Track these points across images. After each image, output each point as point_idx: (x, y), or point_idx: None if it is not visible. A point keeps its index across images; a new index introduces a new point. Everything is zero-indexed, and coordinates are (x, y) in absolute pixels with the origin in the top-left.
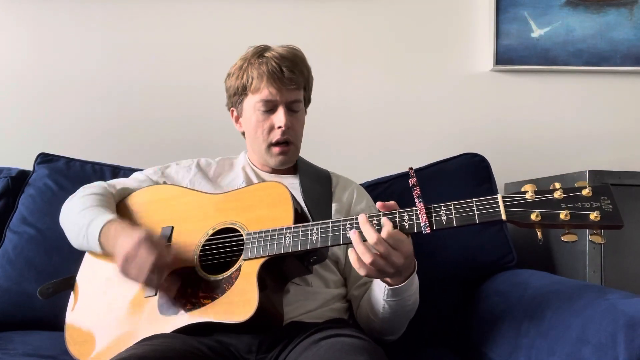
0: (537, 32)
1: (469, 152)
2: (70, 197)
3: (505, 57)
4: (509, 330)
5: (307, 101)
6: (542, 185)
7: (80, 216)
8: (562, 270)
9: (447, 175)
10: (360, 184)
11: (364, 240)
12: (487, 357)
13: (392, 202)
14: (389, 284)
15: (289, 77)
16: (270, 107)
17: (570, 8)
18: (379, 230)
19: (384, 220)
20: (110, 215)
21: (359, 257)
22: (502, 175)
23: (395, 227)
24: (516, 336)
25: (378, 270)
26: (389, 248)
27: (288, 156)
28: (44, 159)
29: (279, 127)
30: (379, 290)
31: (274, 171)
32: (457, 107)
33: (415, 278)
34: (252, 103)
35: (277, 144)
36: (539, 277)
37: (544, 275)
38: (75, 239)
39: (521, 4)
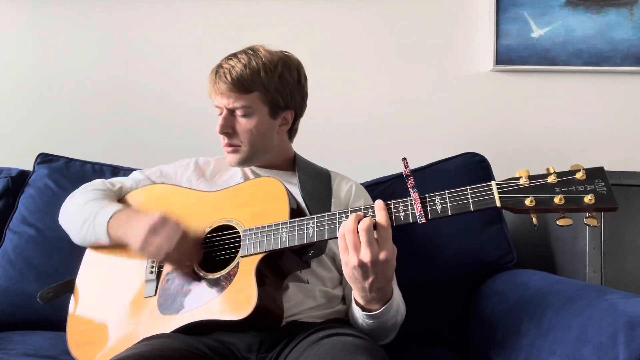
0: (537, 32)
1: (469, 152)
2: (71, 194)
3: (505, 57)
4: (508, 330)
5: (274, 106)
6: None
7: (86, 208)
8: (562, 270)
9: (447, 175)
10: (360, 184)
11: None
12: (487, 357)
13: None
14: (362, 309)
15: (230, 84)
16: (220, 112)
17: (570, 8)
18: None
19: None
20: (118, 205)
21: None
22: (502, 175)
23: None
24: (516, 336)
25: (354, 249)
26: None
27: (237, 156)
28: (44, 159)
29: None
30: (357, 312)
31: (272, 169)
32: (457, 107)
33: (393, 303)
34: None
35: (226, 145)
36: (539, 277)
37: (544, 275)
38: (78, 233)
39: (521, 4)
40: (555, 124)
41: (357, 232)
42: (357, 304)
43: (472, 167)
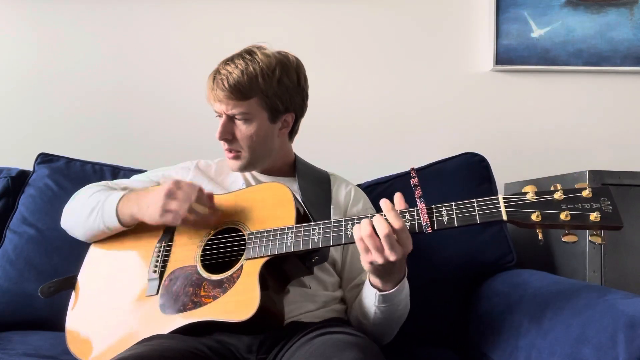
0: (537, 32)
1: (469, 152)
2: (73, 196)
3: (505, 57)
4: (509, 331)
5: (273, 110)
6: (542, 185)
7: (93, 198)
8: (562, 270)
9: (447, 175)
10: (360, 184)
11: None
12: (487, 357)
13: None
14: (379, 290)
15: (228, 91)
16: (219, 115)
17: (570, 8)
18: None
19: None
20: (125, 191)
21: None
22: (502, 175)
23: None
24: (516, 336)
25: (377, 251)
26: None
27: (238, 162)
28: (44, 159)
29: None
30: (370, 296)
31: (271, 174)
32: (457, 107)
33: (405, 283)
34: None
35: (227, 150)
36: (539, 277)
37: (544, 275)
38: (85, 223)
39: (521, 4)
40: (555, 124)
41: (376, 234)
42: (373, 285)
43: (472, 167)
